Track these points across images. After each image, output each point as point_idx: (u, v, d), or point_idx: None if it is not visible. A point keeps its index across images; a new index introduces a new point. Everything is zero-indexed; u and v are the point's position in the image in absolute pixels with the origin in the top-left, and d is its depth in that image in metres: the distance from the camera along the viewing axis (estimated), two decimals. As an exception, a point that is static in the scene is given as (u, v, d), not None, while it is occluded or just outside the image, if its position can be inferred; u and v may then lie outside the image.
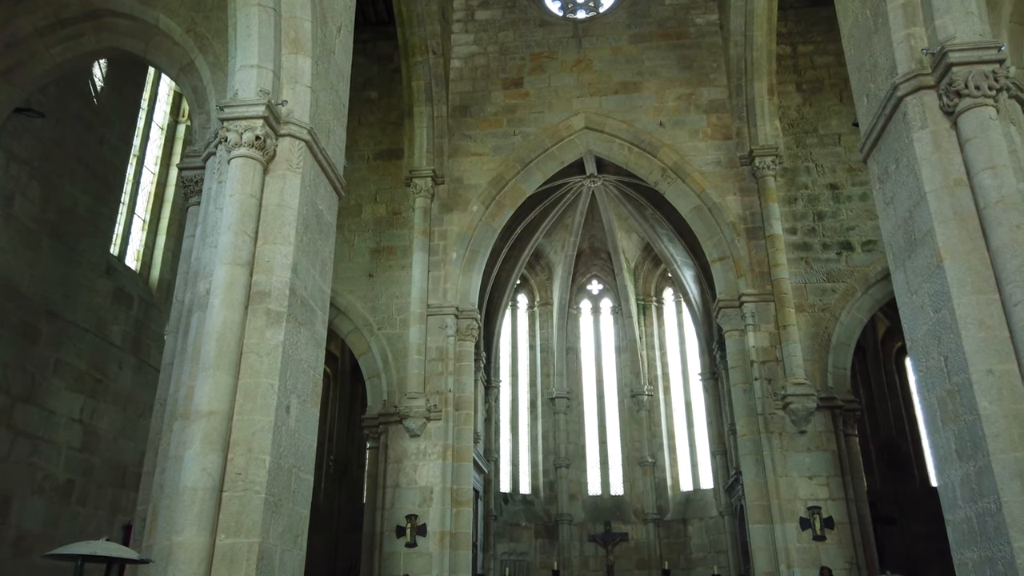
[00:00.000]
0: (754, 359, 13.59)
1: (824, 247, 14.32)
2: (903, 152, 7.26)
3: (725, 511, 18.19)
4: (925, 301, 6.92)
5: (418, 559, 12.88)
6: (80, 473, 10.50)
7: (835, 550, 12.34)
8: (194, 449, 6.22)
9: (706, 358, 19.46)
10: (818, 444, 12.98)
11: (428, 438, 13.69)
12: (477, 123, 16.03)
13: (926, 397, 7.00)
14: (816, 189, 14.75)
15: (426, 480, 13.42)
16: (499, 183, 15.53)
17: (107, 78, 11.50)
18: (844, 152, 14.93)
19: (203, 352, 6.57)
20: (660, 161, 15.31)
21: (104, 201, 11.35)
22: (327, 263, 8.24)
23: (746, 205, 14.65)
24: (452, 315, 14.53)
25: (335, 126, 8.61)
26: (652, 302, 21.72)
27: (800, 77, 15.61)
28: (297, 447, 7.11)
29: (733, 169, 15.00)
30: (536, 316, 21.90)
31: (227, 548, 6.15)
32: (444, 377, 14.11)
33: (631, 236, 20.96)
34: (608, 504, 20.19)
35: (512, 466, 20.41)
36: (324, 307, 8.07)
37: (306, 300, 7.52)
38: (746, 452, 13.35)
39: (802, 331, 13.61)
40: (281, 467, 6.74)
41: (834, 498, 12.66)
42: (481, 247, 15.33)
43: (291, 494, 6.94)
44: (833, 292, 13.98)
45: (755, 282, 14.06)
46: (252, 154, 7.20)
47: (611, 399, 21.27)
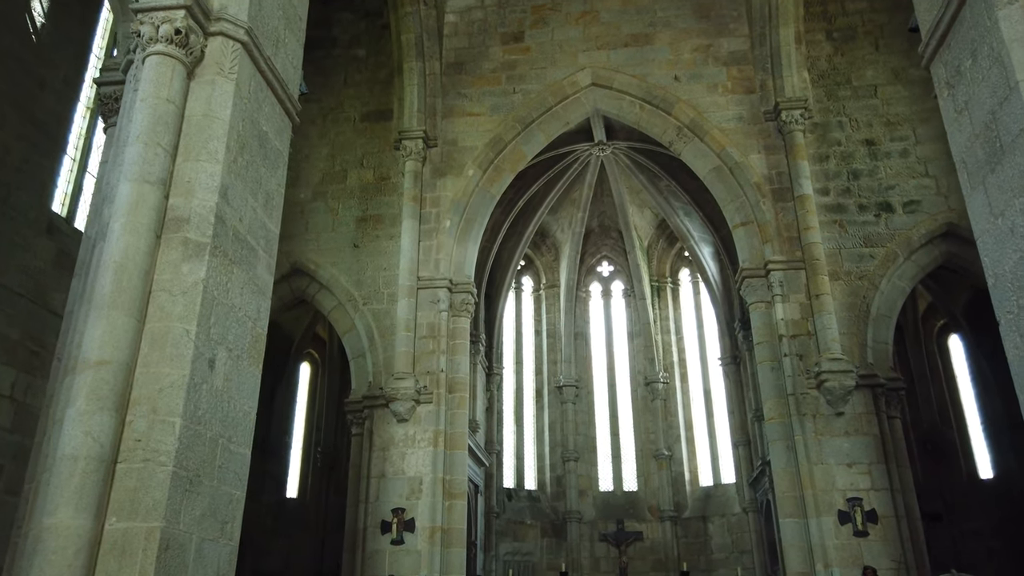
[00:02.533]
0: (783, 333, 12.08)
1: (860, 208, 12.79)
2: (982, 39, 5.79)
3: (749, 507, 16.67)
4: (1016, 222, 5.44)
5: (405, 558, 11.46)
6: (10, 457, 9.18)
7: (879, 547, 10.80)
8: (77, 407, 4.85)
9: (726, 341, 17.92)
10: (857, 428, 11.45)
11: (417, 423, 12.29)
12: (473, 81, 14.65)
13: (1016, 348, 5.51)
14: (850, 145, 13.23)
15: (415, 470, 12.01)
16: (497, 145, 14.13)
17: (49, 15, 10.20)
18: (881, 105, 13.41)
19: (97, 288, 5.21)
20: (675, 119, 13.85)
21: (45, 152, 10.04)
22: (274, 197, 6.85)
23: (772, 164, 13.18)
24: (445, 288, 13.13)
25: (287, 37, 7.23)
26: (667, 283, 20.21)
27: (831, 25, 14.08)
28: (226, 413, 5.72)
29: (757, 125, 13.52)
30: (542, 299, 20.45)
31: (118, 534, 4.77)
32: (436, 356, 12.72)
33: (644, 211, 19.48)
34: (621, 500, 18.70)
35: (516, 460, 18.96)
36: (270, 249, 6.68)
37: (242, 235, 6.14)
38: (775, 438, 11.84)
39: (837, 301, 12.10)
40: (200, 435, 5.34)
41: (877, 488, 11.11)
42: (478, 215, 13.93)
43: (215, 470, 5.54)
44: (871, 258, 12.45)
45: (783, 248, 12.57)
46: (171, 51, 5.84)
47: (623, 387, 19.78)
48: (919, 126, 13.12)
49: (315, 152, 14.46)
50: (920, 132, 13.08)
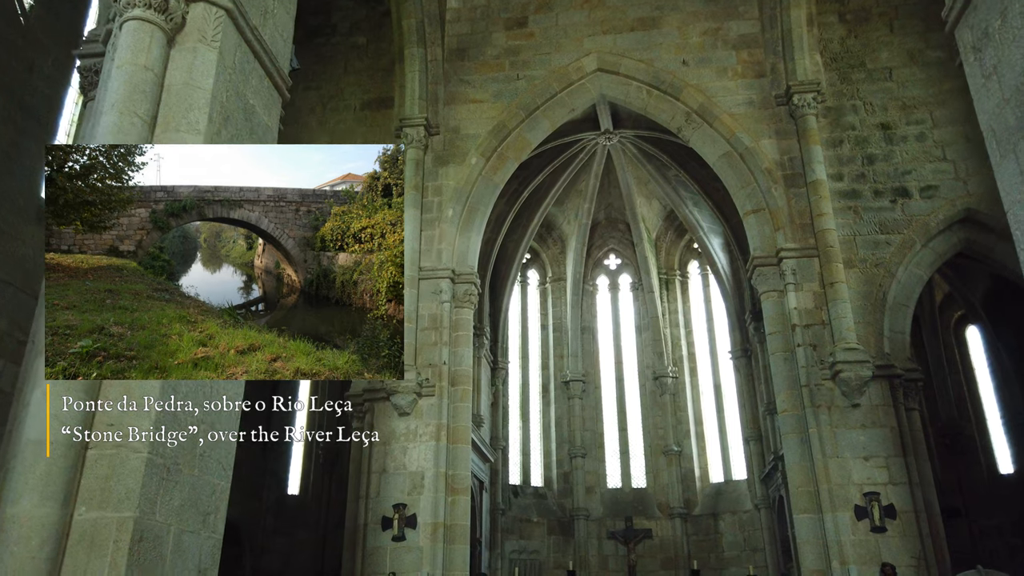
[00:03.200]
0: (796, 323, 11.68)
1: (876, 194, 12.38)
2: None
3: (761, 504, 16.25)
4: (1052, 190, 5.05)
5: (406, 555, 11.13)
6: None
7: (898, 543, 10.39)
8: (43, 389, 4.54)
9: (737, 334, 17.51)
10: (874, 419, 11.04)
11: (419, 417, 11.97)
12: (476, 67, 14.30)
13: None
14: (865, 130, 12.81)
15: (416, 464, 11.68)
16: (501, 132, 13.78)
17: (38, -5, 9.93)
18: (897, 88, 12.99)
19: (68, 263, 4.89)
20: (684, 104, 13.46)
21: (33, 137, 9.76)
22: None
23: (783, 149, 12.78)
24: (447, 279, 12.80)
25: (276, 7, 6.92)
26: (676, 276, 19.79)
27: (843, 7, 13.65)
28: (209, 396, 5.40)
29: (768, 110, 13.12)
30: (548, 293, 20.08)
31: (88, 524, 4.46)
32: (438, 348, 12.39)
33: (652, 203, 19.09)
34: (629, 497, 18.31)
35: (522, 456, 18.59)
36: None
37: (228, 213, 5.82)
38: (788, 430, 11.44)
39: (852, 290, 11.70)
40: (179, 420, 5.03)
41: (895, 482, 10.71)
42: (481, 204, 13.59)
43: (196, 458, 5.23)
44: (888, 245, 12.03)
45: (796, 235, 12.17)
46: (150, 17, 5.54)
47: (631, 382, 19.37)
48: (936, 109, 12.70)
49: (315, 141, 14.18)
50: (937, 115, 12.66)
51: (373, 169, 11.12)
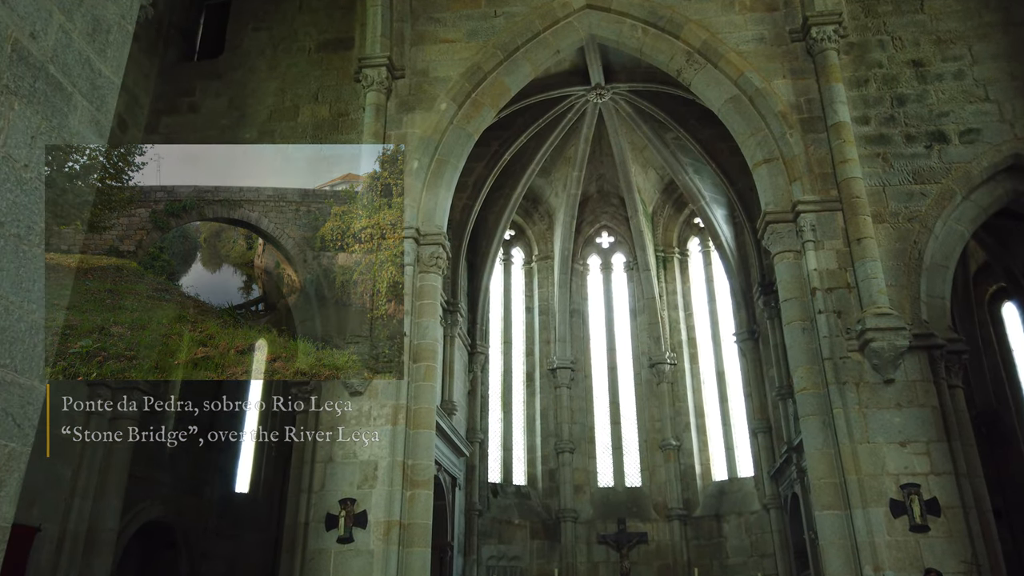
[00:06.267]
0: (816, 286, 9.97)
1: (908, 139, 10.69)
2: None
3: (770, 504, 14.53)
4: None
5: (353, 559, 9.32)
6: None
7: (943, 545, 8.63)
8: None
9: (742, 314, 15.80)
10: (911, 398, 9.30)
11: (373, 397, 10.21)
12: (448, 3, 12.62)
13: None
14: (894, 67, 11.14)
15: (369, 453, 9.90)
16: (476, 75, 12.08)
17: None
18: (930, 20, 11.34)
19: None
20: (684, 43, 11.78)
21: None
22: (113, 32, 4.76)
23: (800, 90, 11.11)
24: (411, 239, 11.07)
25: None
26: (675, 254, 18.07)
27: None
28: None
29: (781, 46, 11.48)
30: (534, 273, 18.35)
31: None
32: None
33: (648, 172, 17.37)
34: (622, 498, 16.58)
35: (503, 451, 16.83)
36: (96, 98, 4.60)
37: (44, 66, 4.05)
38: (808, 412, 9.68)
39: (883, 248, 10.01)
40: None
41: (937, 472, 8.97)
42: (452, 156, 11.87)
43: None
44: (923, 196, 10.33)
45: (815, 186, 10.48)
46: None
47: (625, 370, 17.64)
48: (976, 43, 11.06)
49: (263, 87, 12.51)
50: (977, 50, 11.01)
51: (373, 169, 10.96)
